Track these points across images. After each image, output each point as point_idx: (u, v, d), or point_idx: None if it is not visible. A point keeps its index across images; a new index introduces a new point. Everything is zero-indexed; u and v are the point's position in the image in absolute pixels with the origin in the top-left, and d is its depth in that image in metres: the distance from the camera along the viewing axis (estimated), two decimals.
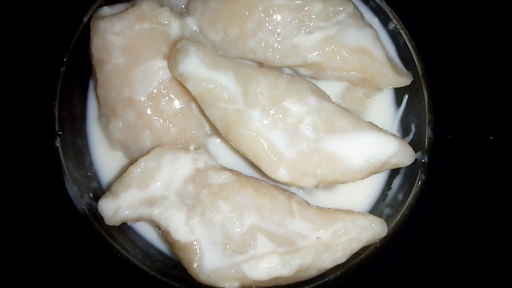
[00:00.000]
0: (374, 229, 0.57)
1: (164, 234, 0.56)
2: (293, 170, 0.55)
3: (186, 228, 0.54)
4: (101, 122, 0.65)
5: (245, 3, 0.62)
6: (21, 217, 0.71)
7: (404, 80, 0.65)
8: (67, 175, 0.58)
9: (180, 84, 0.60)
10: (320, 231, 0.56)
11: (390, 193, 0.65)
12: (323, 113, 0.57)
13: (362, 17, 0.65)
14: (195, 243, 0.54)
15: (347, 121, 0.58)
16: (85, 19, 0.63)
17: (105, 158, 0.65)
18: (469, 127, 0.80)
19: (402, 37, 0.66)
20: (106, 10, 0.63)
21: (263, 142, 0.55)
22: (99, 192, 0.62)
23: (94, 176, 0.64)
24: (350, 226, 0.56)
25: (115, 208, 0.56)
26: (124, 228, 0.61)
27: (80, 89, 0.66)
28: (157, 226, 0.57)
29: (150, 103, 0.61)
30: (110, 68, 0.60)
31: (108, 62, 0.60)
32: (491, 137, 0.80)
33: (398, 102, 0.69)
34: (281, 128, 0.56)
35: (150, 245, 0.63)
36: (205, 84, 0.56)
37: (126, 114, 0.61)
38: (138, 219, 0.57)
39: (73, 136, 0.63)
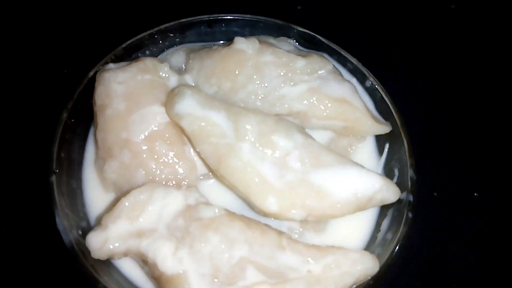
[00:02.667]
0: (366, 263, 0.56)
1: (151, 268, 0.55)
2: (282, 199, 0.57)
3: (173, 259, 0.53)
4: (97, 165, 0.67)
5: (237, 60, 0.70)
6: (8, 249, 0.71)
7: (384, 127, 0.70)
8: (58, 209, 0.58)
9: (176, 126, 0.64)
10: (311, 263, 0.55)
11: (380, 235, 0.65)
12: (309, 149, 0.61)
13: (340, 74, 0.73)
14: (182, 274, 0.53)
15: (332, 157, 0.61)
16: (91, 73, 0.70)
17: (98, 200, 0.66)
18: (451, 177, 0.84)
19: (379, 92, 0.73)
20: (111, 65, 0.70)
21: (252, 172, 0.57)
22: (88, 230, 0.61)
23: (85, 216, 0.64)
24: (341, 259, 0.56)
25: (103, 240, 0.55)
26: (110, 267, 0.59)
27: (80, 136, 0.70)
28: (144, 261, 0.56)
29: (146, 144, 0.64)
30: (111, 112, 0.65)
31: (109, 107, 0.65)
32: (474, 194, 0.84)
33: (380, 151, 0.73)
34: (269, 161, 0.59)
35: (135, 286, 0.60)
36: (198, 122, 0.60)
37: (122, 155, 0.64)
38: (126, 253, 0.56)
39: (68, 178, 0.65)
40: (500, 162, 0.87)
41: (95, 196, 0.67)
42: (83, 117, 0.70)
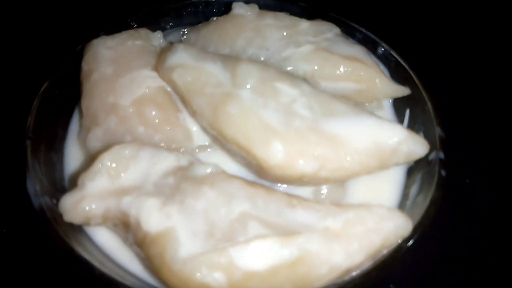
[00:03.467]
0: (396, 220, 0.46)
1: (134, 231, 0.45)
2: (289, 145, 0.48)
3: (160, 214, 0.44)
4: (80, 137, 0.60)
5: (235, 24, 0.65)
6: None
7: (402, 89, 0.62)
8: (30, 171, 0.50)
9: (168, 94, 0.58)
10: (328, 220, 0.45)
11: (408, 203, 0.55)
12: (318, 97, 0.53)
13: (349, 39, 0.67)
14: (170, 230, 0.43)
15: (345, 106, 0.53)
16: (80, 46, 0.65)
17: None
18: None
19: (394, 57, 0.67)
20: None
21: (253, 118, 0.49)
22: None
23: (62, 190, 0.55)
24: (366, 214, 0.46)
25: (78, 199, 0.47)
26: (84, 237, 0.50)
27: (66, 111, 0.63)
28: (125, 226, 0.46)
29: (134, 108, 0.57)
30: (97, 76, 0.59)
31: (95, 71, 0.59)
32: None
33: (400, 119, 0.65)
34: (273, 108, 0.51)
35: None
36: (191, 72, 0.54)
37: (108, 121, 0.57)
38: (104, 216, 0.47)
39: (48, 150, 0.57)
40: None
41: (77, 172, 0.58)
42: (68, 92, 0.63)
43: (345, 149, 0.49)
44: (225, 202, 0.45)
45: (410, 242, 0.46)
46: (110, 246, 0.51)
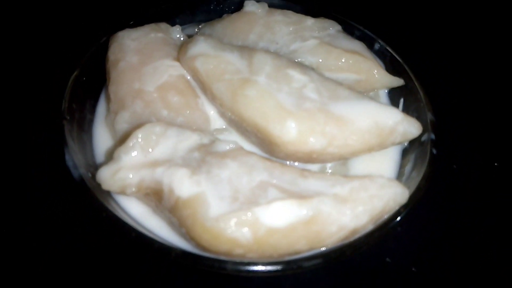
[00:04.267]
0: (394, 187, 0.53)
1: (167, 198, 0.51)
2: (301, 123, 0.54)
3: (190, 181, 0.50)
4: (108, 120, 0.65)
5: (247, 20, 0.71)
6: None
7: (397, 79, 0.70)
8: (68, 147, 0.56)
9: (187, 81, 0.64)
10: (336, 187, 0.52)
11: (404, 178, 0.62)
12: (325, 83, 0.60)
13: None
14: (200, 194, 0.49)
15: (349, 92, 0.60)
16: (104, 39, 0.71)
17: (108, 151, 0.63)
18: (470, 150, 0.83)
19: (389, 52, 0.74)
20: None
21: (269, 100, 0.55)
22: None
23: (94, 166, 0.61)
24: (368, 183, 0.52)
25: (115, 170, 0.52)
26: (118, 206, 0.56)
27: (91, 96, 0.69)
28: (157, 196, 0.52)
29: (158, 94, 0.63)
30: (124, 65, 0.65)
31: (122, 60, 0.65)
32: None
33: (395, 106, 0.72)
34: (286, 92, 0.57)
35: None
36: (212, 60, 0.60)
37: (134, 105, 0.63)
38: (139, 186, 0.53)
39: (79, 131, 0.63)
40: None
41: (106, 151, 0.64)
42: (94, 79, 0.69)
43: (350, 128, 0.56)
44: (246, 172, 0.52)
45: (407, 209, 0.53)
46: (141, 216, 0.57)
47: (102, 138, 0.65)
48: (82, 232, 0.63)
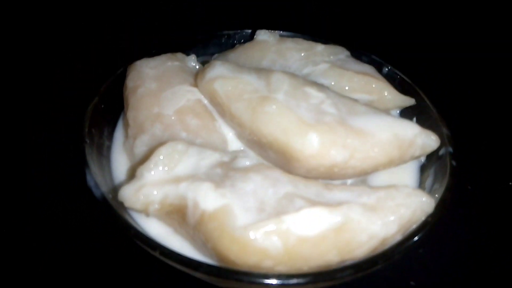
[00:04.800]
0: (420, 196, 0.52)
1: (191, 213, 0.50)
2: (322, 135, 0.55)
3: (215, 194, 0.50)
4: (127, 145, 0.66)
5: (260, 48, 0.74)
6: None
7: (408, 98, 0.71)
8: (90, 168, 0.56)
9: (204, 106, 0.65)
10: (363, 197, 0.51)
11: (425, 192, 0.62)
12: (342, 100, 0.61)
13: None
14: (226, 206, 0.48)
15: (366, 108, 0.61)
16: (121, 69, 0.73)
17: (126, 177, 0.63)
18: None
19: (398, 75, 0.76)
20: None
21: (290, 115, 0.56)
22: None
23: (114, 188, 0.60)
24: (394, 192, 0.52)
25: (138, 187, 0.52)
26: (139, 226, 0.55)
27: (109, 123, 0.70)
28: (180, 210, 0.52)
29: (177, 117, 0.64)
30: (143, 91, 0.66)
31: (141, 87, 0.67)
32: None
33: None
34: (304, 107, 0.58)
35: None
36: (231, 82, 0.61)
37: (154, 128, 0.63)
38: (162, 202, 0.52)
39: (98, 155, 0.63)
40: None
41: (124, 175, 0.64)
42: (112, 108, 0.71)
43: (371, 140, 0.56)
44: (271, 185, 0.51)
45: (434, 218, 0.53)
46: (161, 236, 0.56)
47: (120, 164, 0.65)
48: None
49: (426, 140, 0.59)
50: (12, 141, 0.84)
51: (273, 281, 0.44)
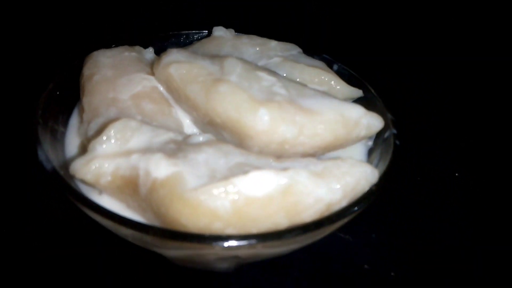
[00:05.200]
0: (364, 166, 0.55)
1: (143, 183, 0.51)
2: (272, 112, 0.57)
3: (167, 163, 0.50)
4: (81, 130, 0.66)
5: (217, 43, 0.77)
6: None
7: (357, 90, 0.76)
8: (41, 143, 0.55)
9: (160, 92, 0.67)
10: (310, 166, 0.54)
11: None
12: (292, 83, 0.64)
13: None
14: (177, 173, 0.49)
15: (314, 91, 0.65)
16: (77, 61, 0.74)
17: None
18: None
19: (347, 71, 0.81)
20: None
21: (242, 94, 0.58)
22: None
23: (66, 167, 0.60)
24: (339, 162, 0.55)
25: (89, 159, 0.52)
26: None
27: (64, 112, 0.70)
28: (131, 182, 0.52)
29: (132, 101, 0.65)
30: (99, 77, 0.67)
31: (97, 74, 0.68)
32: None
33: None
34: (256, 88, 0.61)
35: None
36: (185, 65, 0.64)
37: (109, 112, 0.64)
38: (113, 174, 0.53)
39: (52, 139, 0.63)
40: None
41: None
42: (67, 96, 0.71)
43: (318, 118, 0.59)
44: (223, 156, 0.53)
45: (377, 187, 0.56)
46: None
47: (74, 147, 0.65)
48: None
49: (371, 120, 0.63)
50: None
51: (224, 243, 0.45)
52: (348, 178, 0.53)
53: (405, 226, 0.79)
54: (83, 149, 0.63)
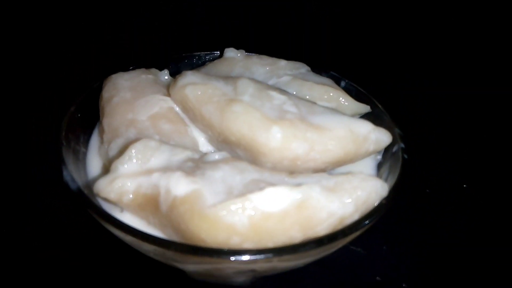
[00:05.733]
0: (374, 180, 0.58)
1: (164, 201, 0.54)
2: (284, 129, 0.60)
3: (186, 181, 0.53)
4: (101, 150, 0.69)
5: (228, 64, 0.81)
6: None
7: (365, 106, 0.78)
8: (66, 164, 0.59)
9: (176, 113, 0.70)
10: (323, 181, 0.56)
11: None
12: (302, 101, 0.67)
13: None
14: (196, 191, 0.52)
15: (323, 108, 0.67)
16: (97, 83, 0.77)
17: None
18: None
19: (354, 87, 0.84)
20: None
21: (255, 113, 0.61)
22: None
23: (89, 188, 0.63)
24: (350, 177, 0.57)
25: (112, 179, 0.55)
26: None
27: (85, 133, 0.73)
28: (153, 200, 0.55)
29: (150, 122, 0.68)
30: (118, 99, 0.71)
31: (116, 96, 0.71)
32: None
33: None
34: (268, 107, 0.64)
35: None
36: (200, 87, 0.67)
37: (128, 133, 0.67)
38: (135, 192, 0.55)
39: (74, 160, 0.66)
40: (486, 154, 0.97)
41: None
42: (88, 118, 0.74)
43: (328, 134, 0.62)
44: (239, 173, 0.56)
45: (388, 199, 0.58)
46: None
47: (95, 168, 0.68)
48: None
49: (379, 135, 0.66)
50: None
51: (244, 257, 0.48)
52: (359, 192, 0.55)
53: (415, 238, 0.81)
54: (105, 168, 0.66)
